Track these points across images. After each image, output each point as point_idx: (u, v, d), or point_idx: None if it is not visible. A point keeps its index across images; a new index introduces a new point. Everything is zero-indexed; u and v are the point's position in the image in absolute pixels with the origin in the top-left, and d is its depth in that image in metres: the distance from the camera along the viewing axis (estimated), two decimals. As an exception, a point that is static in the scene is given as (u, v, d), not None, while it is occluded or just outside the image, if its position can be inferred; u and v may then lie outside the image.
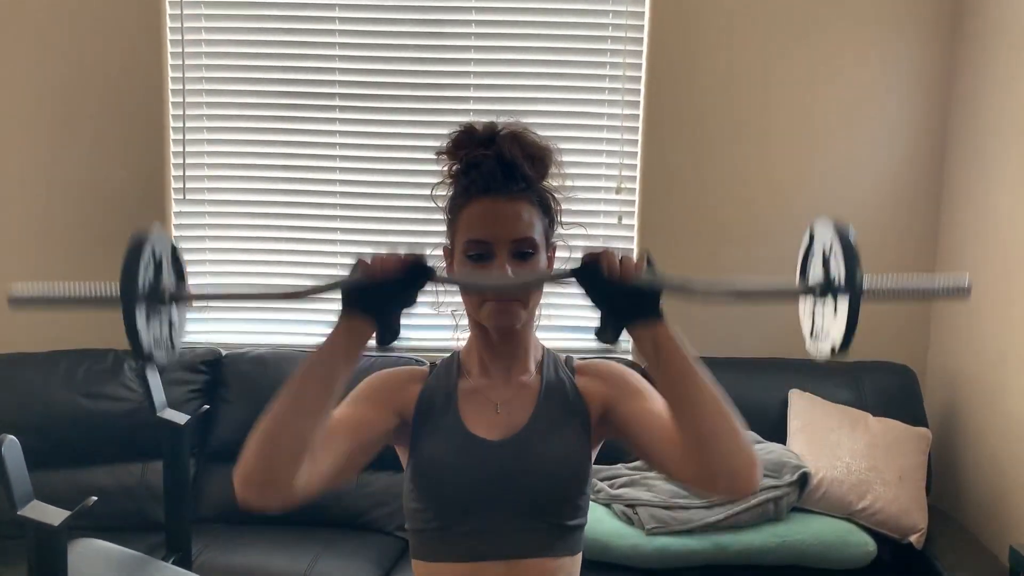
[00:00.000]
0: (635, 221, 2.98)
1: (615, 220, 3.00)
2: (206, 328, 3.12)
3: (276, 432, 1.02)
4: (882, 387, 2.79)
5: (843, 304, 1.06)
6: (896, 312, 2.99)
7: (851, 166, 2.95)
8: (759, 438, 2.62)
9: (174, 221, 3.08)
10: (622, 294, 1.04)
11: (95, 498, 1.40)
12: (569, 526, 1.16)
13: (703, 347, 3.06)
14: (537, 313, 1.23)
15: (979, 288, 2.67)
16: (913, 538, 2.42)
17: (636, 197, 2.98)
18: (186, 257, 3.14)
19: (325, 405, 1.05)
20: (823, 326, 1.10)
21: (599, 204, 3.00)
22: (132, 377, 2.85)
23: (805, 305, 1.16)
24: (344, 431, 1.12)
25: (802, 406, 2.70)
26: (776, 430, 2.66)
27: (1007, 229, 2.53)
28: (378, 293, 1.06)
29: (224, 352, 2.97)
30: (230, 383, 2.88)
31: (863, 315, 3.36)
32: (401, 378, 1.23)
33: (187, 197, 3.06)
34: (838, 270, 1.07)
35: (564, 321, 2.94)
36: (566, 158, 1.23)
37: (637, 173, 2.97)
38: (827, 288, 1.08)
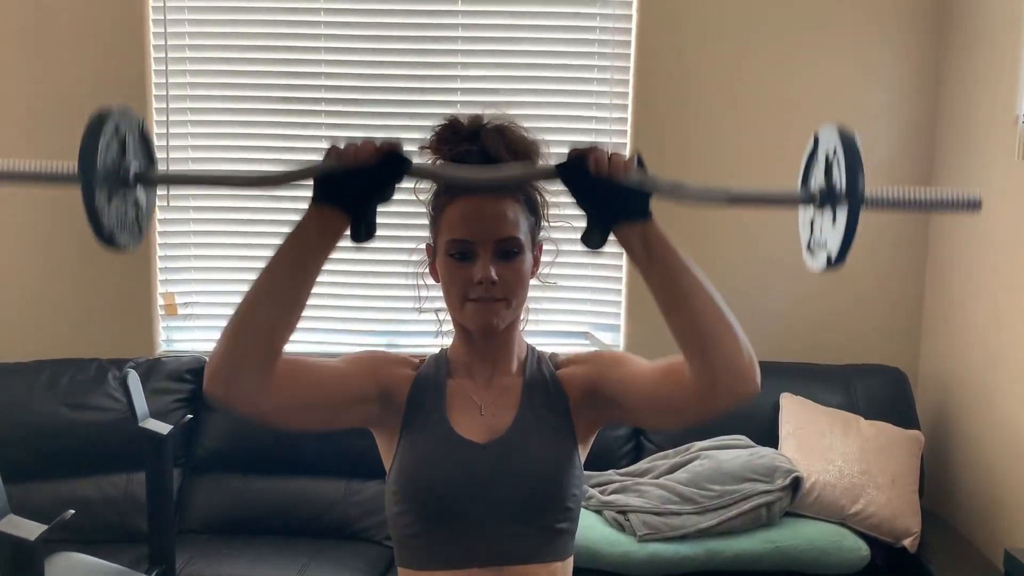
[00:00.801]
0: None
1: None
2: (191, 336, 3.08)
3: (244, 321, 0.99)
4: (874, 390, 2.78)
5: (842, 213, 1.00)
6: (888, 316, 2.98)
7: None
8: (750, 442, 2.61)
9: (158, 228, 3.04)
10: (610, 192, 1.00)
11: (72, 511, 1.36)
12: (557, 529, 1.12)
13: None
14: (523, 316, 1.21)
15: (970, 292, 2.67)
16: (907, 542, 2.40)
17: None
18: (171, 261, 3.09)
19: (295, 296, 1.01)
20: (821, 236, 1.06)
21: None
22: (116, 387, 2.80)
23: (804, 214, 1.12)
24: (327, 375, 1.10)
25: (794, 410, 2.68)
26: (768, 434, 2.64)
27: (997, 232, 2.53)
28: (352, 182, 1.00)
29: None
30: (216, 392, 2.85)
31: (854, 312, 3.34)
32: (397, 359, 1.20)
33: (171, 204, 3.02)
34: (840, 179, 1.01)
35: (551, 326, 2.92)
36: (554, 151, 1.19)
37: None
38: (828, 196, 1.03)
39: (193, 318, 3.10)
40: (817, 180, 1.07)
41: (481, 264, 1.11)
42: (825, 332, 2.96)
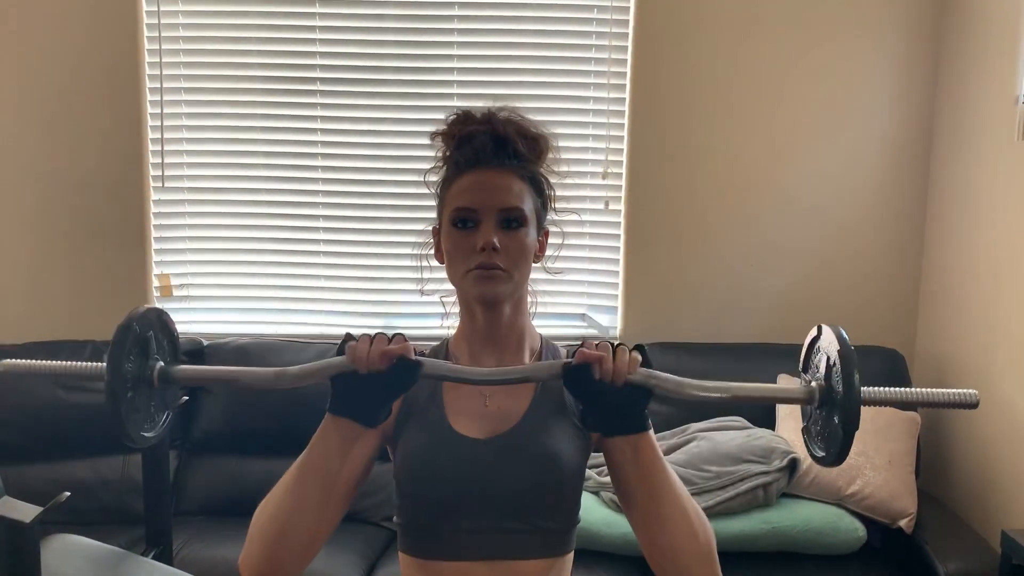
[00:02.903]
0: (622, 206, 2.95)
1: (602, 205, 2.97)
2: (187, 318, 3.07)
3: (282, 532, 1.03)
4: (871, 372, 2.71)
5: (840, 420, 1.02)
6: (885, 297, 2.98)
7: (839, 151, 2.94)
8: (747, 423, 2.61)
9: (153, 209, 3.02)
10: (612, 403, 1.02)
11: (68, 493, 1.35)
12: (555, 529, 1.12)
13: (694, 334, 3.04)
14: (529, 300, 1.20)
15: (968, 273, 2.67)
16: (903, 523, 2.41)
17: (623, 182, 2.94)
18: (166, 242, 3.09)
19: (327, 500, 1.05)
20: (816, 429, 1.10)
21: (585, 190, 2.97)
22: (111, 368, 2.80)
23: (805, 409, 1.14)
24: (346, 478, 1.10)
25: (791, 391, 2.68)
26: (766, 416, 2.65)
27: (996, 212, 2.52)
28: (365, 392, 1.04)
29: (206, 343, 2.92)
30: (212, 374, 2.84)
31: (852, 294, 3.34)
32: None
33: (166, 185, 3.00)
34: (838, 385, 1.03)
35: (549, 308, 2.91)
36: (553, 127, 1.20)
37: (624, 158, 2.94)
38: (826, 400, 1.05)
39: (188, 300, 3.09)
40: (818, 374, 1.09)
41: (484, 231, 1.10)
42: (823, 313, 2.95)
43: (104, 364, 1.02)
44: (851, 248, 2.93)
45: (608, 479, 2.44)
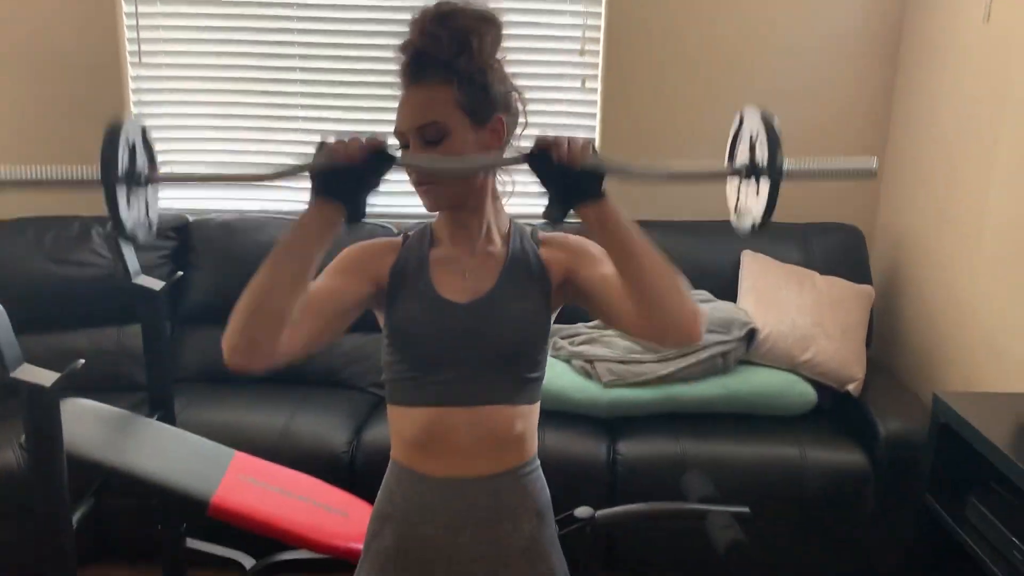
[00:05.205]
0: (598, 84, 2.99)
1: (578, 84, 3.00)
2: (172, 194, 3.12)
3: (256, 307, 1.09)
4: (830, 247, 2.92)
5: (765, 185, 1.15)
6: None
7: (813, 31, 2.96)
8: (710, 296, 2.76)
9: (131, 86, 3.02)
10: (571, 177, 1.12)
11: (83, 360, 1.47)
12: (528, 378, 1.26)
13: (663, 212, 3.13)
14: (494, 189, 1.29)
15: (929, 152, 2.77)
16: (851, 387, 2.60)
17: (600, 60, 2.97)
18: (146, 120, 3.11)
19: (301, 282, 1.12)
20: (746, 204, 1.21)
21: (562, 67, 2.99)
22: (101, 243, 2.88)
23: (731, 184, 1.25)
24: (323, 300, 1.20)
25: (753, 266, 2.82)
26: (728, 289, 2.80)
27: (962, 91, 2.60)
28: (344, 178, 1.11)
29: (191, 218, 2.99)
30: (198, 249, 2.94)
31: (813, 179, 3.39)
32: (376, 250, 1.29)
33: (143, 61, 2.99)
34: (762, 154, 1.15)
35: (528, 188, 2.99)
36: (528, 19, 1.24)
37: (601, 35, 2.96)
38: (752, 170, 1.18)
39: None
40: (742, 155, 1.20)
41: (412, 152, 1.20)
42: (787, 191, 3.04)
43: (96, 167, 1.09)
44: (819, 127, 3.00)
45: (579, 348, 2.61)
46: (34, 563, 1.52)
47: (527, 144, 1.18)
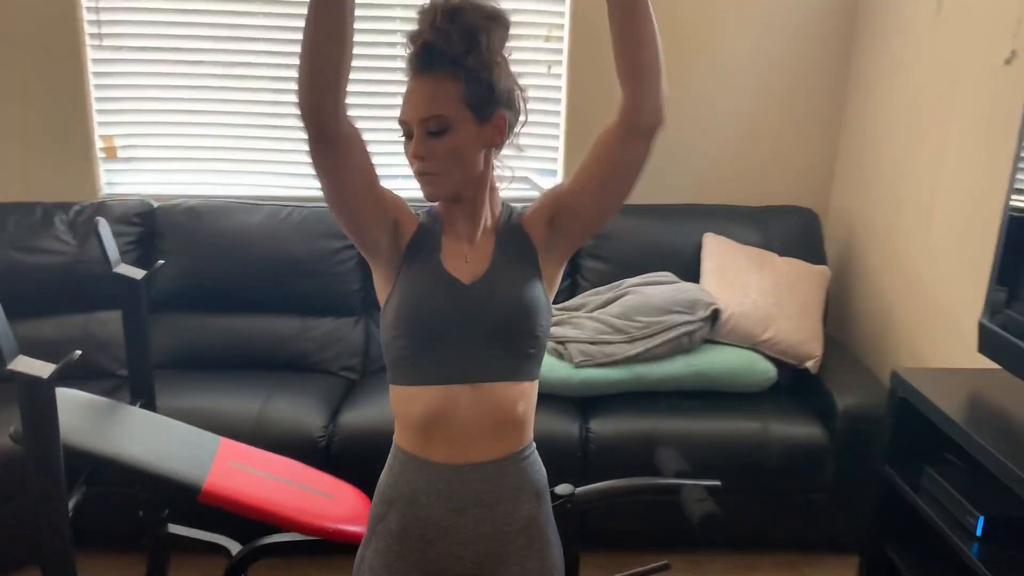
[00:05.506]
0: (563, 70, 3.04)
1: (544, 69, 3.05)
2: (133, 179, 3.10)
3: (311, 63, 1.11)
4: (787, 229, 3.03)
5: None
6: (804, 160, 3.19)
7: (770, 21, 3.04)
8: (675, 278, 2.85)
9: (92, 68, 2.98)
10: None
11: (79, 352, 1.48)
12: (527, 354, 1.32)
13: (629, 196, 3.18)
14: (492, 180, 1.33)
15: (882, 137, 2.89)
16: (809, 364, 2.71)
17: (565, 46, 3.02)
18: (108, 103, 3.04)
19: (343, 28, 1.12)
20: None
21: (527, 53, 3.03)
22: (64, 230, 2.85)
23: None
24: (373, 172, 1.24)
25: (715, 249, 2.91)
26: (691, 271, 2.89)
27: (913, 81, 2.71)
28: None
29: (156, 204, 2.97)
30: (165, 235, 2.91)
31: (773, 156, 3.54)
32: (408, 207, 1.34)
33: (104, 43, 2.95)
34: None
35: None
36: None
37: (566, 21, 3.00)
38: None
39: (134, 161, 3.10)
40: None
41: (415, 143, 1.24)
42: (746, 175, 3.16)
43: None
44: (775, 115, 3.09)
45: (551, 330, 2.67)
46: (33, 553, 1.54)
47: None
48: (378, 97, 2.96)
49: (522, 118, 1.33)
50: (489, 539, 1.31)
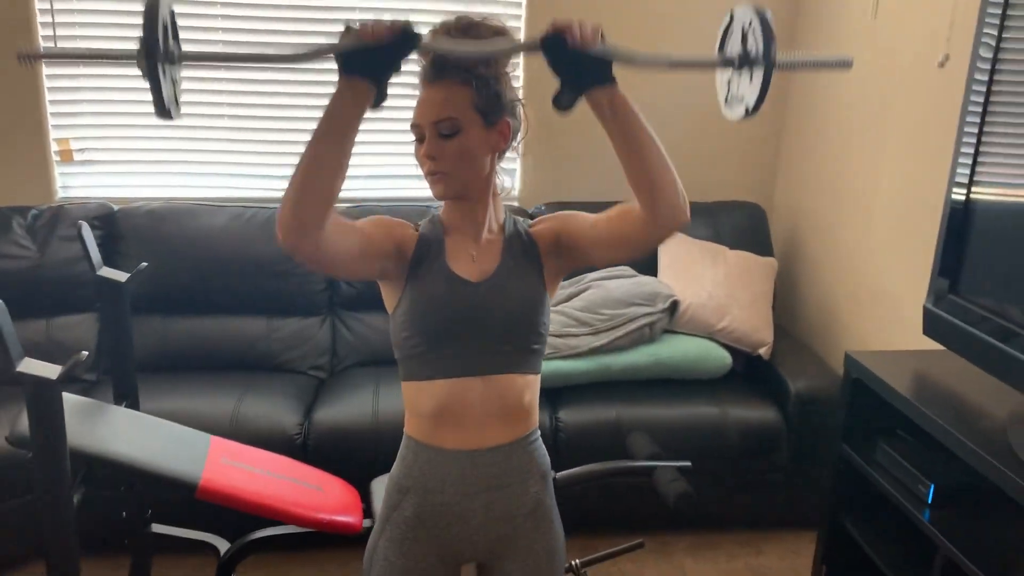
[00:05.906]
0: (520, 72, 3.11)
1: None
2: (89, 183, 3.07)
3: (302, 188, 1.17)
4: (736, 224, 3.17)
5: (758, 73, 1.26)
6: (749, 158, 3.35)
7: (712, 22, 3.17)
8: (634, 272, 2.96)
9: (45, 71, 2.94)
10: (583, 62, 1.20)
11: (87, 353, 1.50)
12: (532, 349, 1.40)
13: (585, 194, 3.29)
14: (495, 185, 1.41)
15: (822, 135, 3.05)
16: (762, 351, 2.86)
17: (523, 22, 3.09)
18: (62, 106, 3.01)
19: (341, 161, 1.19)
20: (738, 92, 1.32)
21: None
22: (23, 234, 2.82)
23: (723, 75, 1.36)
24: (363, 234, 1.30)
25: (671, 244, 3.03)
26: (649, 265, 3.01)
27: (852, 82, 2.88)
28: (371, 57, 1.17)
29: (116, 207, 2.95)
30: (127, 237, 2.90)
31: (720, 154, 3.67)
32: (403, 223, 1.41)
33: (59, 46, 2.91)
34: (756, 45, 1.25)
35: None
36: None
37: (522, 24, 3.09)
38: (745, 60, 1.28)
39: (90, 164, 3.08)
40: (734, 48, 1.30)
41: (426, 145, 1.32)
42: (696, 172, 3.24)
43: (136, 48, 1.12)
44: (721, 114, 3.21)
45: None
46: (40, 553, 1.55)
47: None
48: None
49: (523, 128, 1.41)
50: (500, 522, 1.39)
